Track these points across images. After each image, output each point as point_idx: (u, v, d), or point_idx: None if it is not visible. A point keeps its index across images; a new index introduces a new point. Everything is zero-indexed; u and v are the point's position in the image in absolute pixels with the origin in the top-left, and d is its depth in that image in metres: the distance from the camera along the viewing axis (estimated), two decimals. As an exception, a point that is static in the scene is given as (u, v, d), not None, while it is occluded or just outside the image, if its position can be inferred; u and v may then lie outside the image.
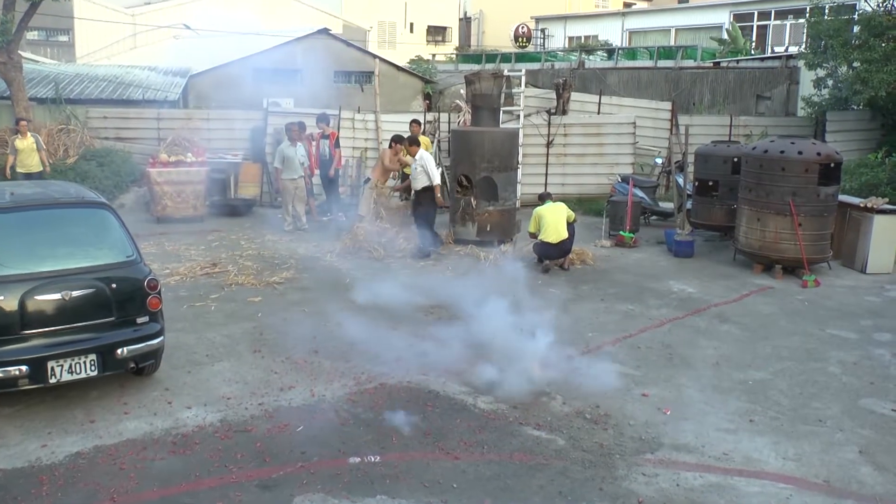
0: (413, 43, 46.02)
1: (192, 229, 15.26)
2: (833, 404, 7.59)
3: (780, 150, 12.40)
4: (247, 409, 7.08)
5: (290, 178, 15.19)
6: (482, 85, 14.46)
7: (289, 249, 13.66)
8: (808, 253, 12.28)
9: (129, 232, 7.56)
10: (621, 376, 8.09)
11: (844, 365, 8.69)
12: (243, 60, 24.47)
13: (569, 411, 7.23)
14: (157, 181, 15.82)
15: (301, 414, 7.00)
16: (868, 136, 19.78)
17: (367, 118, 19.12)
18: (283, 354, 8.49)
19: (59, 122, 17.80)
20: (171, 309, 9.55)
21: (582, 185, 19.01)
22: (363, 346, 8.73)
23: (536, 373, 7.91)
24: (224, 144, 18.74)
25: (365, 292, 10.92)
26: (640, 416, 7.16)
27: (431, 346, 8.72)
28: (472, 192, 14.05)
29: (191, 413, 6.98)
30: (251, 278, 11.57)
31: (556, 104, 19.36)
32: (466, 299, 10.33)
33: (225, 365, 8.17)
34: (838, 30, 18.13)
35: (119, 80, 21.35)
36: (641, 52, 32.45)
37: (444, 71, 33.45)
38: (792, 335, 9.66)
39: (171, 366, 8.03)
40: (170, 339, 8.18)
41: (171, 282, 11.24)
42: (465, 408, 7.24)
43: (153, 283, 7.29)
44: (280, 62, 24.82)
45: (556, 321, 9.25)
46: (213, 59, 24.81)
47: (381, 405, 7.23)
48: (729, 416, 7.23)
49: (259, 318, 9.74)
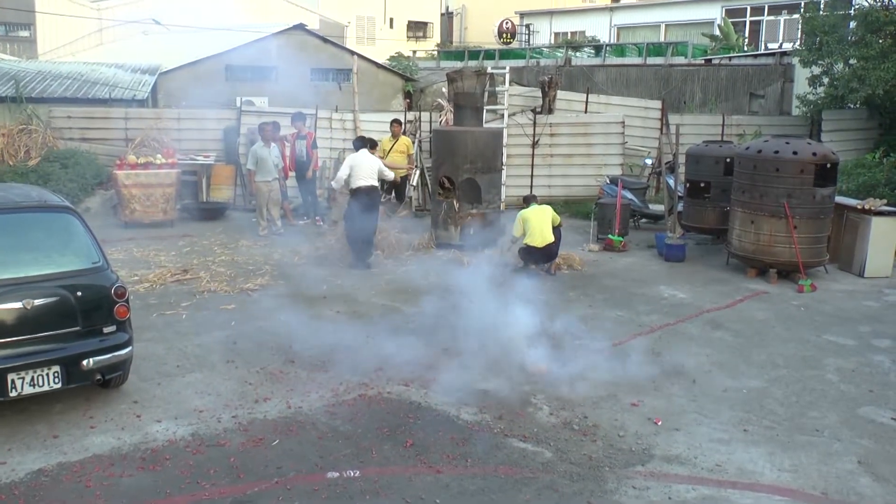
0: (393, 39, 46.05)
1: (161, 234, 15.19)
2: (831, 413, 7.63)
3: (774, 151, 12.47)
4: (220, 423, 7.04)
5: (264, 180, 15.15)
6: (465, 83, 14.48)
7: (263, 255, 13.62)
8: (804, 256, 12.35)
9: (94, 237, 7.50)
10: (610, 385, 8.12)
11: (842, 372, 8.74)
12: (215, 57, 24.41)
13: (556, 422, 7.24)
14: (124, 184, 15.73)
15: (277, 427, 6.98)
16: (865, 135, 19.92)
17: (346, 118, 19.10)
18: (257, 365, 8.46)
19: (19, 122, 17.65)
20: (140, 318, 9.51)
21: (569, 187, 19.06)
22: (342, 355, 8.72)
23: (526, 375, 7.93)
24: (195, 145, 18.65)
25: (343, 299, 10.90)
26: (629, 427, 7.18)
27: (413, 356, 8.72)
28: (455, 195, 14.06)
29: (161, 427, 6.94)
30: (224, 285, 11.53)
31: (542, 103, 19.40)
32: (449, 307, 10.35)
33: (197, 376, 8.13)
34: (834, 25, 18.25)
35: (84, 77, 21.22)
36: (630, 49, 32.59)
37: (426, 68, 33.44)
38: (787, 342, 9.72)
39: (140, 377, 7.98)
40: (138, 349, 8.12)
41: (140, 289, 11.18)
42: (448, 419, 7.24)
43: (120, 291, 7.25)
44: (254, 59, 24.76)
45: (542, 329, 9.26)
46: (183, 55, 24.73)
47: (360, 417, 7.22)
48: (722, 426, 7.26)
49: (233, 327, 9.70)
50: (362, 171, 12.91)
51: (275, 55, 24.81)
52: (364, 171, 12.91)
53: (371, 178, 12.96)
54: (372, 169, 13.01)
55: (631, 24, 40.66)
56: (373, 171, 13.01)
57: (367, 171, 12.94)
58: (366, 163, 13.01)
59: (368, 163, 13.03)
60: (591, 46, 35.24)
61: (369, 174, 12.95)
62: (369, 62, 27.46)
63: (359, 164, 12.97)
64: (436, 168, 14.81)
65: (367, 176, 12.94)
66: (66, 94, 19.48)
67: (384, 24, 49.29)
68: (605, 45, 33.64)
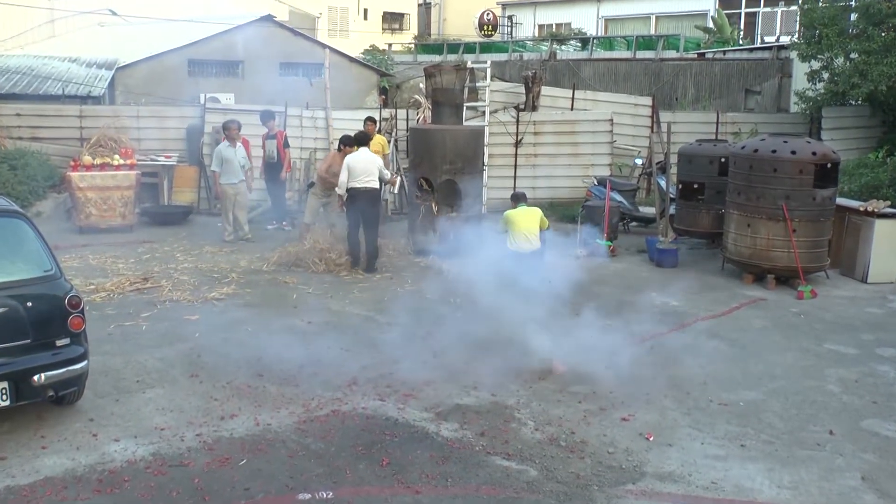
0: (367, 31, 46.01)
1: (119, 240, 15.10)
2: (832, 426, 7.68)
3: (771, 150, 12.56)
4: (183, 441, 7.00)
5: (229, 182, 15.10)
6: (443, 78, 14.52)
7: (230, 262, 13.57)
8: (804, 261, 12.44)
9: (46, 243, 7.45)
10: (600, 398, 8.13)
11: (844, 383, 8.81)
12: (178, 51, 24.34)
13: (541, 438, 7.25)
14: (79, 186, 15.63)
15: (244, 446, 6.94)
16: (867, 133, 20.08)
17: (317, 115, 19.08)
18: (223, 379, 8.42)
19: (-37, 120, 17.56)
20: (97, 329, 9.45)
21: (554, 189, 19.08)
22: (313, 368, 8.70)
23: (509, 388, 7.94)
24: (156, 145, 18.59)
25: (315, 309, 10.88)
26: (620, 443, 7.20)
27: (390, 369, 8.73)
28: (433, 198, 14.07)
29: (119, 447, 6.89)
30: (187, 294, 11.49)
31: (526, 99, 19.46)
32: (427, 316, 10.35)
33: (158, 392, 8.09)
34: (834, 18, 18.37)
35: (35, 72, 21.10)
36: (619, 42, 32.77)
37: (402, 62, 33.49)
38: (786, 351, 9.78)
39: (97, 394, 7.92)
40: (95, 363, 8.07)
41: (97, 299, 11.12)
42: (427, 436, 7.24)
43: (75, 301, 7.20)
44: (219, 53, 24.72)
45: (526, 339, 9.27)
46: (143, 49, 24.63)
47: (333, 434, 7.20)
48: (718, 441, 7.29)
49: (196, 339, 9.65)
50: (357, 171, 13.02)
51: (241, 49, 24.77)
52: (359, 171, 13.03)
53: (366, 178, 13.07)
54: (367, 169, 13.10)
55: (619, 16, 40.86)
56: (368, 170, 13.10)
57: (361, 170, 13.04)
58: (361, 163, 13.10)
59: (364, 163, 13.12)
60: (578, 39, 35.44)
61: (364, 173, 13.05)
62: (342, 56, 27.45)
63: (354, 163, 13.07)
64: (413, 169, 14.81)
65: (362, 176, 13.04)
66: (14, 90, 19.37)
67: (358, 15, 49.26)
68: (593, 38, 33.83)
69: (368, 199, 13.17)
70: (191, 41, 24.71)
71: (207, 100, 19.99)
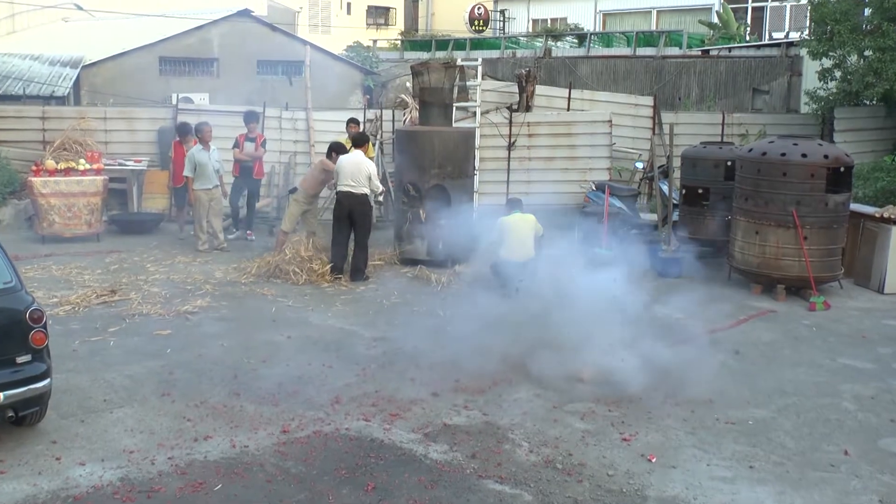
0: (351, 27, 46.06)
1: (85, 250, 15.06)
2: (848, 446, 7.68)
3: (780, 153, 12.59)
4: (153, 465, 6.97)
5: (203, 188, 15.04)
6: (432, 76, 14.51)
7: (204, 273, 13.54)
8: (816, 271, 12.47)
9: (6, 254, 7.45)
10: (598, 417, 8.13)
11: (860, 400, 8.83)
12: (148, 48, 24.33)
13: (536, 460, 7.24)
14: (41, 193, 15.57)
15: (220, 469, 6.92)
16: (883, 135, 20.11)
17: (297, 116, 19.07)
18: (197, 398, 8.40)
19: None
20: (60, 345, 9.42)
21: (549, 195, 19.05)
22: (293, 386, 8.69)
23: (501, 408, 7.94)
24: (125, 148, 18.54)
25: (295, 323, 10.86)
26: (620, 465, 7.19)
27: (375, 386, 8.72)
28: (421, 204, 14.07)
29: (84, 471, 6.85)
30: (158, 307, 11.46)
31: (519, 99, 19.48)
32: (415, 330, 10.34)
33: (127, 412, 8.06)
34: (847, 13, 18.39)
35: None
36: (618, 38, 32.86)
37: (388, 60, 33.53)
38: (798, 366, 9.80)
39: (60, 414, 7.89)
40: (58, 381, 8.05)
41: (61, 313, 11.08)
42: (415, 459, 7.22)
43: (37, 315, 7.17)
44: (192, 50, 24.71)
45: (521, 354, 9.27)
46: (111, 46, 24.61)
47: (315, 457, 7.18)
48: (725, 462, 7.30)
49: (168, 355, 9.63)
50: (345, 174, 13.25)
51: (216, 46, 24.80)
52: (346, 174, 13.25)
53: (351, 182, 13.21)
54: (353, 172, 13.24)
55: (618, 10, 40.97)
56: (355, 174, 13.23)
57: (348, 174, 13.23)
58: (350, 166, 13.27)
59: (352, 166, 13.27)
60: (574, 35, 35.48)
61: (349, 177, 13.21)
62: (324, 53, 27.48)
63: (342, 165, 13.30)
64: (399, 173, 14.81)
65: (347, 179, 13.22)
66: (-30, 89, 19.33)
67: (340, 9, 49.32)
68: (590, 34, 33.87)
69: (355, 203, 13.28)
70: (162, 37, 24.71)
71: (180, 100, 19.99)
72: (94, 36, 27.48)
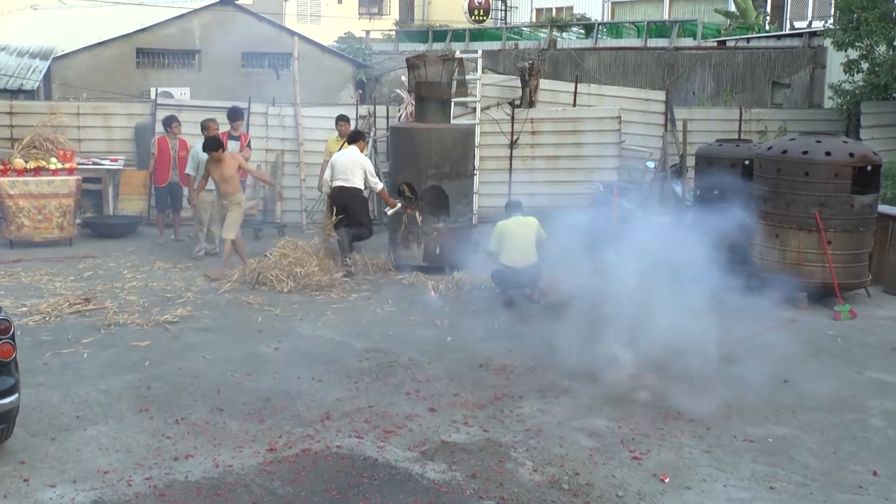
0: (342, 17, 46.02)
1: (57, 255, 15.06)
2: (877, 466, 7.67)
3: (802, 151, 12.59)
4: (130, 486, 6.96)
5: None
6: (428, 70, 14.54)
7: (185, 280, 13.54)
8: (841, 277, 12.46)
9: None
10: (606, 434, 8.13)
11: (890, 416, 8.82)
12: (124, 38, 24.31)
13: (540, 480, 7.23)
14: (9, 194, 15.57)
15: (201, 490, 6.91)
16: (913, 132, 20.17)
17: (285, 113, 19.06)
18: (177, 414, 8.39)
19: None
20: (29, 358, 9.41)
21: (555, 196, 18.97)
22: (281, 401, 8.69)
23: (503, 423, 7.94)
24: (100, 146, 18.55)
25: (283, 333, 10.85)
26: (630, 485, 7.18)
27: (367, 401, 8.71)
28: (417, 206, 14.07)
29: (55, 493, 6.84)
30: (136, 317, 11.45)
31: (522, 94, 19.49)
32: (411, 340, 10.33)
33: (101, 429, 8.04)
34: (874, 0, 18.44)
35: (-42, 63, 21.07)
36: (627, 29, 32.86)
37: (382, 52, 33.51)
38: (822, 380, 9.77)
39: (29, 432, 7.87)
40: (27, 396, 8.04)
41: (30, 323, 11.08)
42: (411, 478, 7.21)
43: (4, 326, 7.16)
44: (172, 41, 24.70)
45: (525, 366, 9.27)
46: (84, 36, 24.59)
47: (303, 477, 7.17)
48: (743, 483, 7.29)
49: (146, 368, 9.63)
50: (338, 170, 13.71)
51: (198, 36, 24.78)
52: (339, 170, 13.72)
53: (344, 177, 13.67)
54: (350, 168, 13.67)
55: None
56: (351, 170, 13.67)
57: (342, 169, 13.70)
58: (341, 161, 13.76)
59: (346, 162, 13.71)
60: (581, 25, 35.47)
61: (344, 173, 13.68)
62: (313, 45, 27.47)
63: (336, 161, 13.79)
64: (394, 173, 14.82)
65: (343, 175, 13.68)
66: (-69, 83, 19.31)
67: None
68: (598, 25, 33.87)
69: (349, 197, 13.74)
70: (139, 27, 24.67)
71: (159, 95, 19.95)
72: (65, 25, 27.45)
